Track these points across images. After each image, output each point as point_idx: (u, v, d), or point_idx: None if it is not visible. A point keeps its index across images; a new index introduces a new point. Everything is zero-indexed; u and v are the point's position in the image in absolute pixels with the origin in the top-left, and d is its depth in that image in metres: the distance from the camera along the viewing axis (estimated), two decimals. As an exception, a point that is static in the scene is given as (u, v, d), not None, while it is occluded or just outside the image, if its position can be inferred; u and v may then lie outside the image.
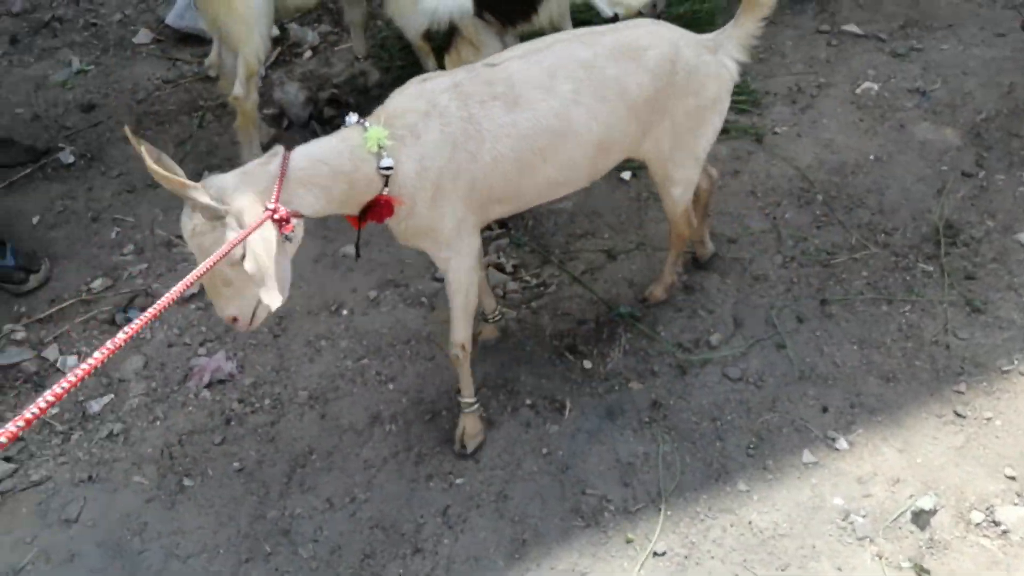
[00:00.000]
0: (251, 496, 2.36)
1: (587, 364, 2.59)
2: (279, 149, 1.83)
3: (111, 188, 3.41)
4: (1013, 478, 2.24)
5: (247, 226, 1.65)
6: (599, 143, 2.10)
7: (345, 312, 2.85)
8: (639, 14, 2.90)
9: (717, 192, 2.84)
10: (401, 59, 3.84)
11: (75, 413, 2.62)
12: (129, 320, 2.86)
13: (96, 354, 1.06)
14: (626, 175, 3.20)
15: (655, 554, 2.16)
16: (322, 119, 3.59)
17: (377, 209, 1.94)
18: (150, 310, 1.17)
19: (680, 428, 2.42)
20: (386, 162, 1.88)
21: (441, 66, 3.28)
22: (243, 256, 1.66)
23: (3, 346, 2.82)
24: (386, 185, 1.91)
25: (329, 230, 3.07)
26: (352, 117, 1.94)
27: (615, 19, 2.87)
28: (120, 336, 1.10)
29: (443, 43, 2.94)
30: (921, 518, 2.18)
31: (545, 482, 2.32)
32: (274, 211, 1.70)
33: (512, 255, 2.96)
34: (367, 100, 3.69)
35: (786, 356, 2.58)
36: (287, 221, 1.71)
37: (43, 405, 0.97)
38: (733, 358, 2.58)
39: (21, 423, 0.93)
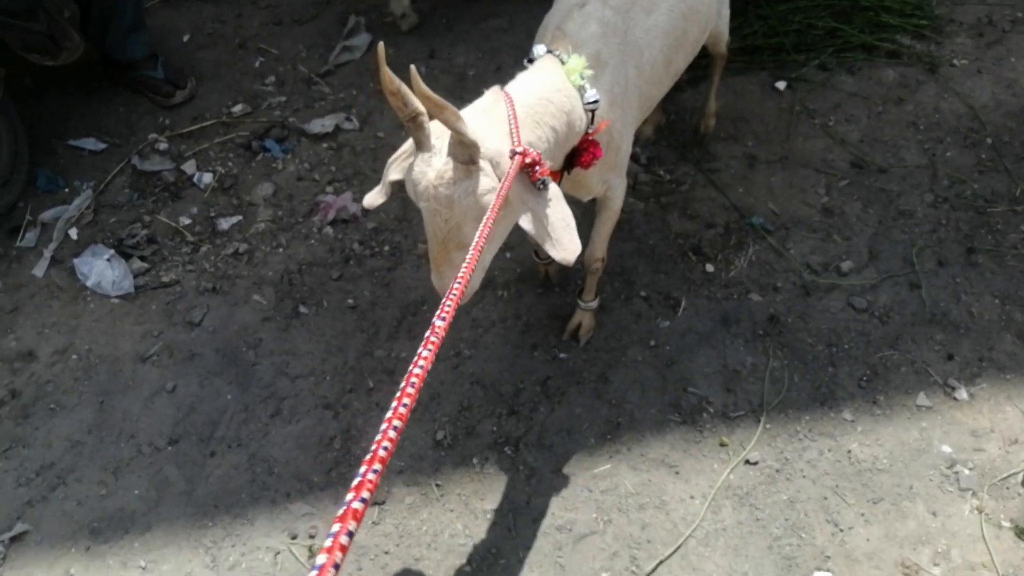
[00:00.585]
0: (361, 333, 2.44)
1: (709, 268, 2.53)
2: (496, 88, 1.63)
3: (259, 18, 3.44)
4: None
5: (504, 172, 1.42)
6: (707, 13, 2.14)
7: (471, 176, 2.84)
8: None
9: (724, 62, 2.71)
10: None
11: (205, 227, 2.74)
12: (264, 148, 2.94)
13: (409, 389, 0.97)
14: (780, 85, 3.02)
15: (747, 462, 2.15)
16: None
17: (589, 151, 1.75)
18: (420, 369, 1.01)
19: (793, 347, 2.36)
20: (591, 94, 1.69)
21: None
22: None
23: (147, 153, 2.94)
24: (591, 122, 1.73)
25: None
26: (540, 48, 1.76)
27: None
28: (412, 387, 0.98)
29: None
30: (1034, 483, 2.09)
31: (648, 373, 2.32)
32: (524, 154, 1.46)
33: (648, 147, 2.86)
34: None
35: (918, 296, 2.45)
36: (539, 164, 1.48)
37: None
38: (862, 288, 2.48)
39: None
